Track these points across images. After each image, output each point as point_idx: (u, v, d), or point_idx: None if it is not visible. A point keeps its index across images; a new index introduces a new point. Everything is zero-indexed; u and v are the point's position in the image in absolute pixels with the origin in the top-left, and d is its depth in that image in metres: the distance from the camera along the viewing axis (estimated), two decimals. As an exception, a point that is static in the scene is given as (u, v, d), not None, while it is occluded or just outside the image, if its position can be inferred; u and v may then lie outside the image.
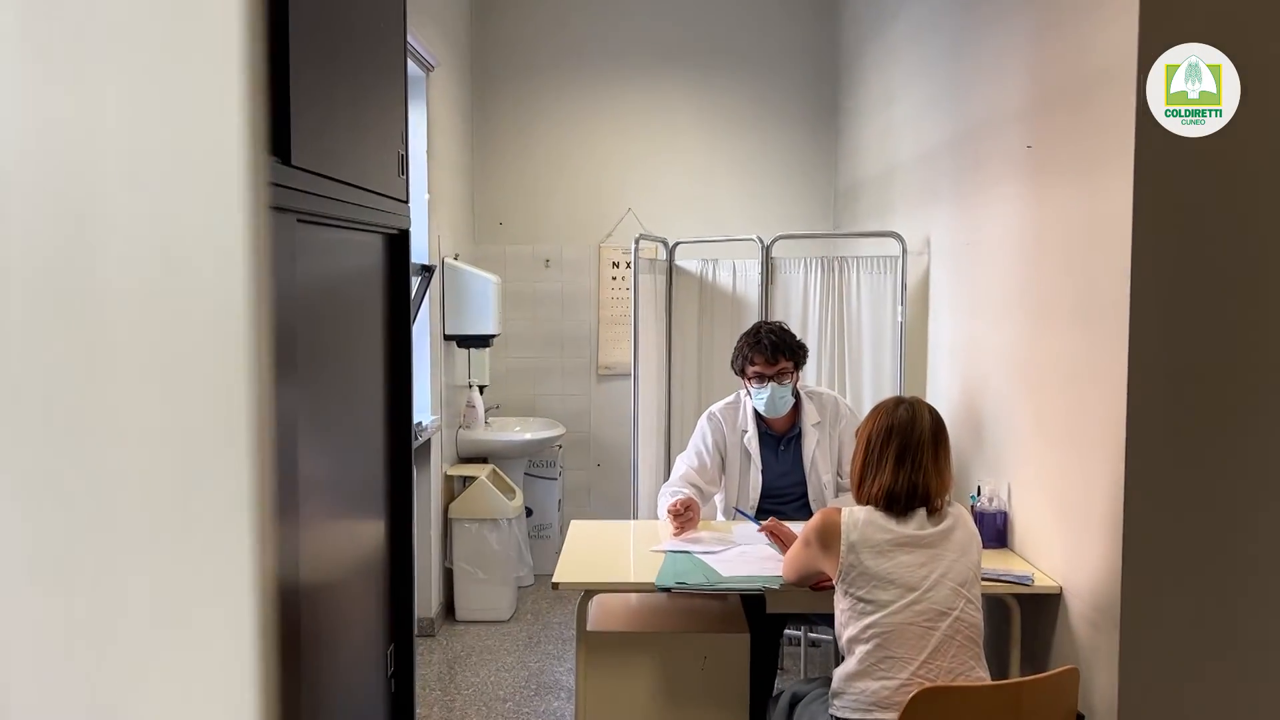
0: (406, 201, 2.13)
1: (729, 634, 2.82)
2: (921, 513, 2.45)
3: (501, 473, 5.18)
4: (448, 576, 4.98)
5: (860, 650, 2.37)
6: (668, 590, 2.70)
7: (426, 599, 4.70)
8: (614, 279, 5.83)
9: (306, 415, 1.64)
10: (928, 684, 2.28)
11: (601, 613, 2.99)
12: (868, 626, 2.36)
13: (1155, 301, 2.29)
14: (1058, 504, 2.77)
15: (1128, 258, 2.31)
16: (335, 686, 1.88)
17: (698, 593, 2.75)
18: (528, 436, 5.34)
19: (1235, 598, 2.32)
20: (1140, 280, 2.30)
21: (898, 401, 2.53)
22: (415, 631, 4.41)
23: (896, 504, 2.43)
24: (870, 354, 4.18)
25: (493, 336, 5.05)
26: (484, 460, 5.26)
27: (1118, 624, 2.42)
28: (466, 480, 4.95)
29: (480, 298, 4.92)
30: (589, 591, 2.81)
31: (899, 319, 4.04)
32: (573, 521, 3.49)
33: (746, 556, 2.97)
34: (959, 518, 2.48)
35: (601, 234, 5.84)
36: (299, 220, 1.49)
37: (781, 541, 2.94)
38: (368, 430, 2.07)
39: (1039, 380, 2.89)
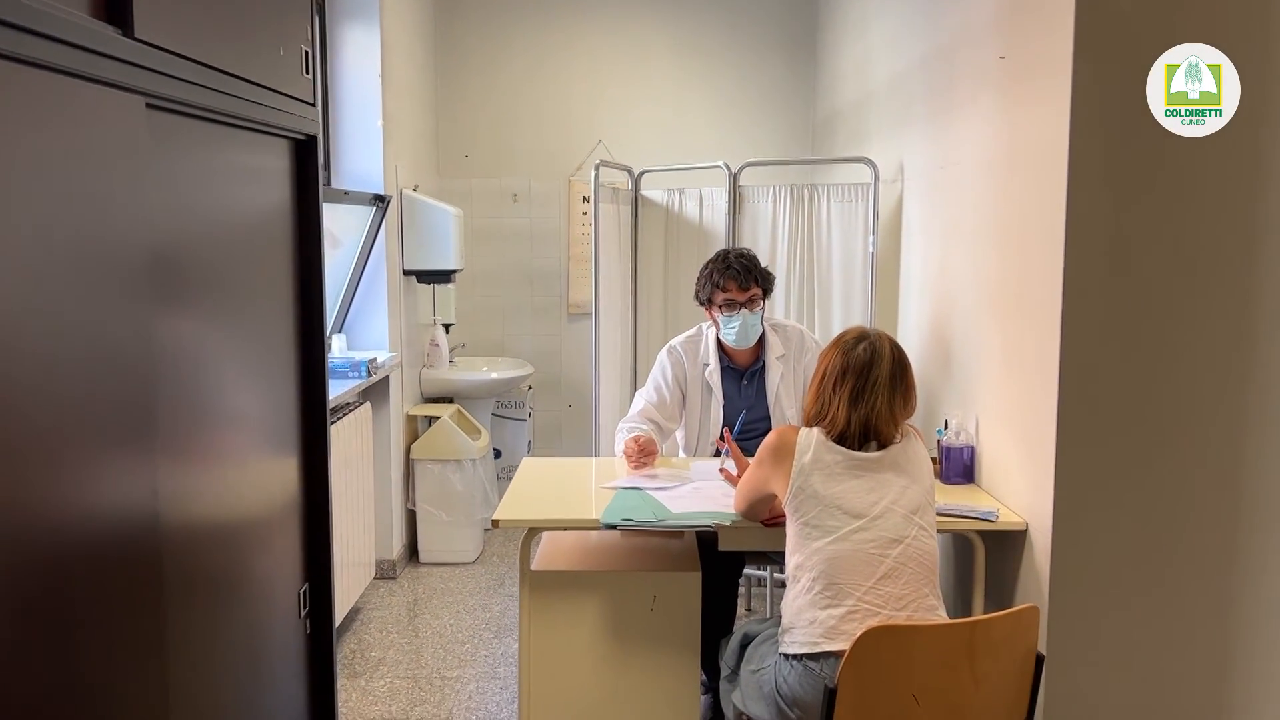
0: (314, 105, 1.95)
1: (679, 573, 2.70)
2: (873, 445, 2.31)
3: (467, 413, 5.05)
4: (410, 518, 4.86)
5: (806, 578, 2.24)
6: (612, 527, 2.56)
7: (388, 541, 4.58)
8: (584, 214, 5.64)
9: (183, 338, 1.48)
10: (875, 611, 2.15)
11: (551, 551, 2.86)
12: (815, 553, 2.23)
13: (1096, 219, 2.14)
14: (1023, 438, 2.63)
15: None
16: (236, 625, 1.75)
17: (644, 530, 2.61)
18: (495, 376, 5.19)
19: (1164, 534, 2.22)
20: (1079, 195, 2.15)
21: (859, 337, 2.37)
22: (373, 575, 4.33)
23: (847, 441, 2.29)
24: (840, 286, 4.03)
25: (454, 272, 4.87)
26: (449, 400, 5.12)
27: (1083, 563, 2.30)
28: (431, 421, 4.81)
29: (440, 231, 4.74)
30: (532, 529, 2.67)
31: (870, 249, 3.88)
32: (524, 459, 3.35)
33: (700, 493, 2.84)
34: (910, 444, 2.34)
35: (571, 167, 5.64)
36: (150, 105, 1.31)
37: (736, 477, 2.81)
38: (273, 359, 1.91)
39: (1008, 309, 2.74)
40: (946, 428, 3.05)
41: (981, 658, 2.03)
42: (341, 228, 4.36)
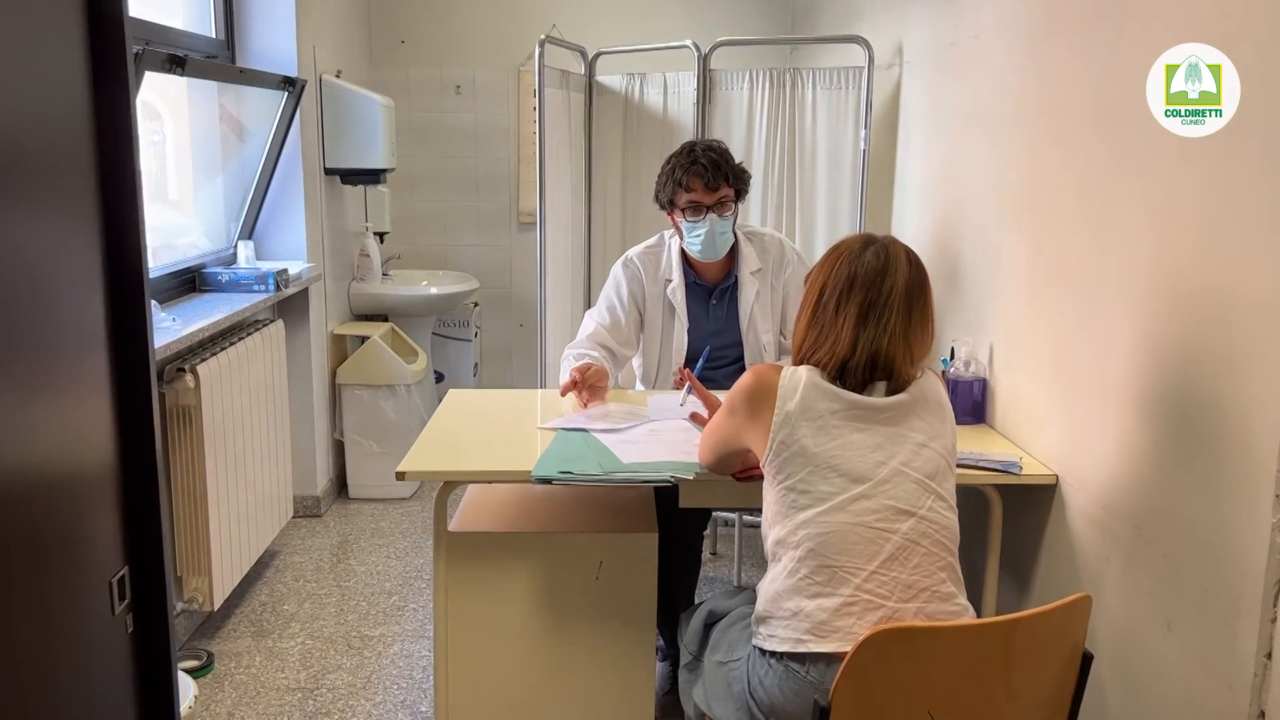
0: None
1: (632, 534, 2.20)
2: (882, 385, 1.80)
3: (402, 332, 4.51)
4: (338, 449, 4.34)
5: (789, 557, 1.75)
6: (546, 481, 2.05)
7: (310, 475, 4.08)
8: (536, 109, 5.02)
9: None
10: (878, 603, 1.67)
11: (476, 508, 2.35)
12: (801, 525, 1.74)
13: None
14: (1057, 369, 2.14)
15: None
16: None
17: (587, 485, 2.10)
18: (434, 291, 4.65)
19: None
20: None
21: (865, 242, 1.84)
22: (291, 514, 3.83)
23: (851, 377, 1.78)
24: (826, 188, 3.52)
25: (384, 171, 4.29)
26: (383, 319, 4.57)
27: (1139, 529, 1.81)
28: (362, 341, 4.27)
29: (367, 124, 4.14)
30: (450, 482, 2.15)
31: (862, 145, 3.36)
32: (450, 391, 2.83)
33: (659, 438, 2.32)
34: (928, 388, 1.83)
35: (521, 56, 5.02)
36: None
37: (705, 420, 2.31)
38: (60, 277, 1.36)
39: (1041, 210, 2.22)
40: (953, 357, 2.56)
41: (1019, 663, 1.56)
42: (249, 116, 3.76)
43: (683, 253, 2.84)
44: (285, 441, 3.72)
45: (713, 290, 2.87)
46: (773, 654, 1.74)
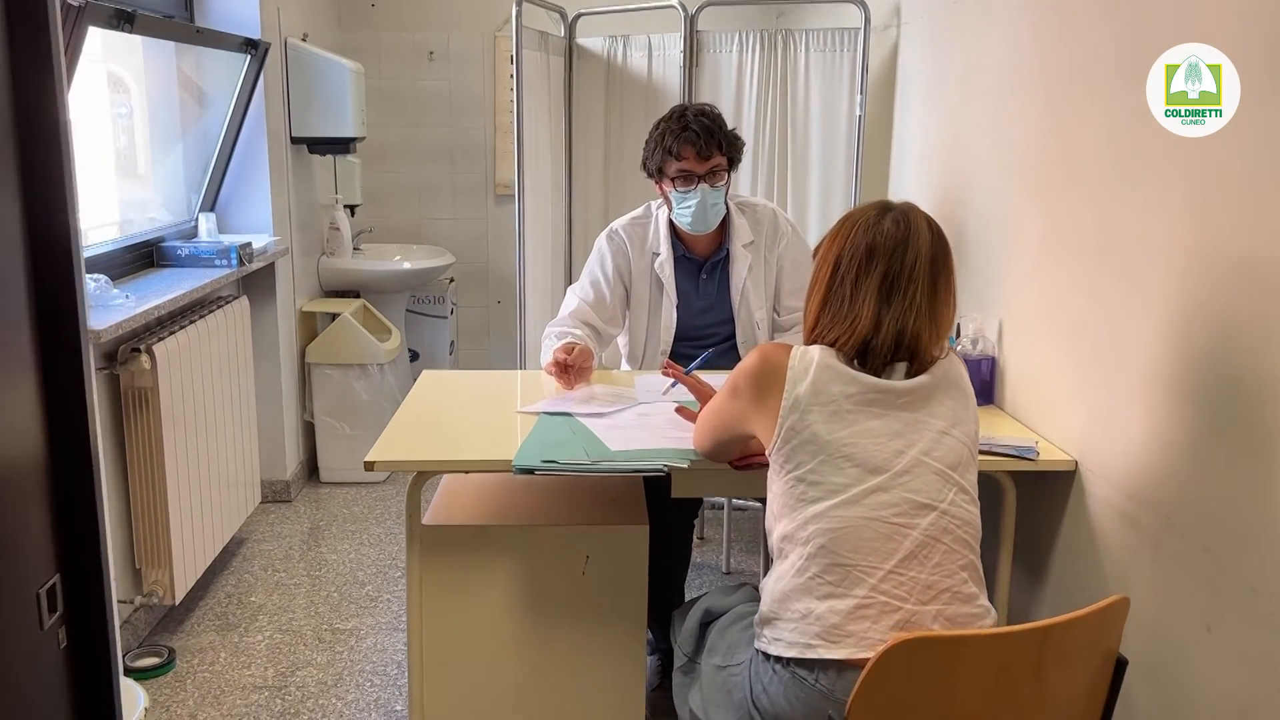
0: None
1: (621, 525, 2.05)
2: (901, 367, 1.65)
3: (374, 309, 4.33)
4: (308, 431, 4.16)
5: (797, 554, 1.60)
6: (528, 472, 1.89)
7: (279, 458, 3.90)
8: (513, 76, 4.82)
9: None
10: (895, 605, 1.53)
11: (451, 499, 2.19)
12: (811, 520, 1.59)
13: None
14: (1075, 346, 1.99)
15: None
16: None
17: (573, 475, 1.94)
18: (408, 266, 4.47)
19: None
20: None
21: (883, 210, 1.68)
22: (259, 499, 3.65)
23: (875, 358, 1.63)
24: (819, 156, 3.37)
25: (353, 140, 4.09)
26: (355, 295, 4.39)
27: (1171, 522, 1.67)
28: (332, 318, 4.08)
29: (335, 90, 3.94)
30: (423, 473, 1.99)
31: (857, 111, 3.20)
32: (424, 372, 2.66)
33: (648, 421, 2.17)
34: (951, 370, 1.69)
35: (498, 21, 4.81)
36: None
37: (701, 397, 2.15)
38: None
39: (1058, 177, 2.07)
40: (959, 335, 2.41)
41: (1051, 671, 1.42)
42: (210, 81, 3.56)
43: (671, 225, 2.68)
44: (251, 424, 3.54)
45: (703, 264, 2.71)
46: (778, 659, 1.60)
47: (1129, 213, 1.80)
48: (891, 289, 1.61)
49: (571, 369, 2.41)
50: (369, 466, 1.92)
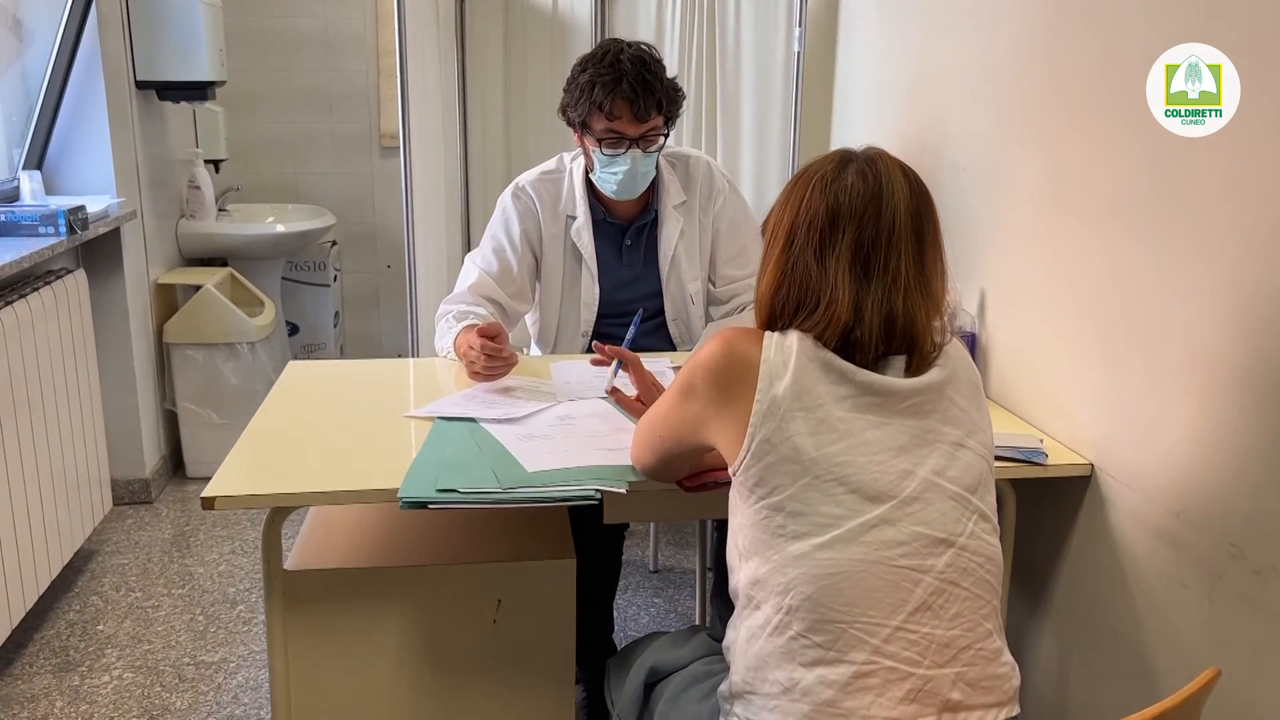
0: None
1: (540, 561, 1.64)
2: (899, 361, 1.27)
3: (243, 279, 3.83)
4: (170, 421, 3.65)
5: (772, 608, 1.22)
6: (418, 506, 1.45)
7: (135, 454, 3.40)
8: (396, 10, 4.33)
9: None
10: (905, 671, 1.18)
11: (322, 536, 1.75)
12: (792, 562, 1.21)
13: None
14: (1085, 322, 1.65)
15: None
16: None
17: (478, 507, 1.51)
18: (282, 229, 3.98)
19: None
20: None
21: (843, 161, 1.29)
22: (111, 503, 3.14)
23: (860, 355, 1.24)
24: (753, 101, 3.06)
25: (210, 85, 3.56)
26: (222, 262, 3.88)
27: (1239, 551, 1.34)
28: (195, 290, 3.57)
29: (186, 26, 3.41)
30: (279, 509, 1.54)
31: (795, 47, 2.83)
32: (290, 363, 2.20)
33: (572, 428, 1.75)
34: (958, 359, 1.32)
35: (379, -52, 4.29)
36: None
37: (635, 403, 1.75)
38: None
39: (1065, 109, 1.71)
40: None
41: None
42: (30, 12, 3.01)
43: (589, 181, 2.25)
44: (96, 416, 3.04)
45: (626, 229, 2.30)
46: (758, 745, 1.22)
47: (1155, 160, 1.45)
48: (868, 262, 1.23)
49: (490, 358, 1.96)
50: (208, 504, 1.47)
